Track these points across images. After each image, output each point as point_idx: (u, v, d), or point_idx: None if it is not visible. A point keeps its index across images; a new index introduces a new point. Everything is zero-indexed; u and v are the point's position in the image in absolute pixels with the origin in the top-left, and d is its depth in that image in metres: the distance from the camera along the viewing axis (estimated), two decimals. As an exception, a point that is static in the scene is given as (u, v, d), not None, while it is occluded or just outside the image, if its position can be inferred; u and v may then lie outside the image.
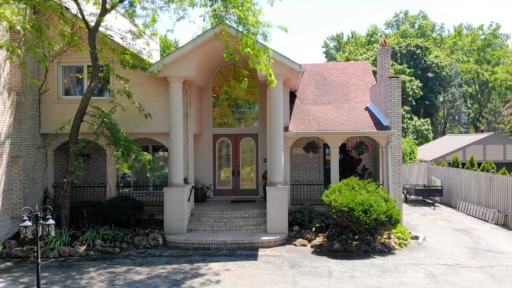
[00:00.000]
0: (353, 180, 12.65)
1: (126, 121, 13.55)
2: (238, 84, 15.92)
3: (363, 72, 18.43)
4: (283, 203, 12.70)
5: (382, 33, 60.15)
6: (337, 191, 12.23)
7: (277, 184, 12.76)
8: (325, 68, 18.94)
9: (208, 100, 16.10)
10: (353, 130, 13.41)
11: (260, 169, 15.96)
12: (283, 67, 12.53)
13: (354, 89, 17.35)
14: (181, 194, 12.90)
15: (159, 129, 13.68)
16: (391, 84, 13.76)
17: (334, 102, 16.62)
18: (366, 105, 16.15)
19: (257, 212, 13.57)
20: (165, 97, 13.47)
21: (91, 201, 13.55)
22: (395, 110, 13.76)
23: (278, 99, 12.76)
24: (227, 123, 16.29)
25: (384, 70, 16.15)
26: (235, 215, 13.45)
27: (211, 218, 13.34)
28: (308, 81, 17.95)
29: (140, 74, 13.50)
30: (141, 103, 13.23)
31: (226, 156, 16.25)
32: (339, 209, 11.56)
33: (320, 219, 12.89)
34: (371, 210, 11.45)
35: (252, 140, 16.12)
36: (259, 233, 12.70)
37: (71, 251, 11.73)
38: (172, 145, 13.05)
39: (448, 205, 20.36)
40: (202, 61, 13.50)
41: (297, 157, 15.86)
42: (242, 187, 16.17)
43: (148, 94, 13.70)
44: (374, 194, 12.05)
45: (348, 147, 15.41)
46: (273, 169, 12.85)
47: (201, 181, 15.83)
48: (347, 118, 14.61)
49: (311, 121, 14.39)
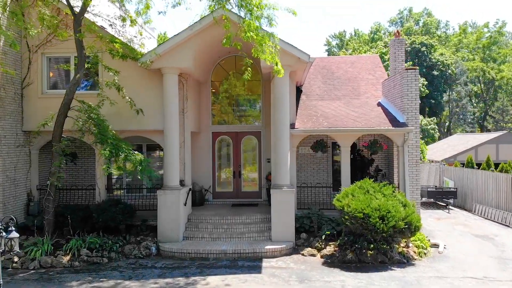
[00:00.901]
0: (367, 182, 11.41)
1: (116, 117, 12.34)
2: (240, 78, 14.72)
3: (373, 66, 17.20)
4: (289, 208, 11.46)
5: (385, 30, 58.96)
6: (350, 194, 10.99)
7: (282, 187, 11.53)
8: (332, 62, 17.70)
9: (207, 96, 14.87)
10: (367, 127, 12.17)
11: (263, 170, 14.73)
12: (290, 57, 11.29)
13: (364, 84, 16.12)
14: (177, 197, 11.68)
15: (153, 126, 12.45)
16: (407, 77, 12.53)
17: (343, 97, 15.39)
18: (378, 101, 14.92)
19: (260, 217, 12.34)
20: (159, 91, 12.25)
21: (78, 205, 12.31)
22: (412, 105, 12.52)
23: (284, 93, 11.52)
24: (228, 120, 15.05)
25: (397, 63, 14.93)
26: (236, 221, 12.22)
27: (210, 224, 12.11)
28: (315, 75, 16.72)
29: (132, 66, 12.28)
30: (133, 97, 12.02)
31: (227, 156, 15.01)
32: (353, 215, 10.33)
33: (330, 226, 11.65)
34: (389, 217, 10.22)
35: (255, 138, 14.88)
36: (262, 241, 11.46)
37: (53, 261, 10.50)
38: (166, 144, 11.82)
39: (462, 208, 19.11)
40: (200, 52, 12.27)
41: (304, 157, 14.62)
42: (244, 189, 14.93)
43: (140, 87, 12.48)
44: (391, 198, 10.81)
45: (360, 146, 14.18)
46: (278, 170, 11.62)
47: (199, 183, 14.60)
48: (358, 114, 13.38)
49: (319, 118, 13.15)
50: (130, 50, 11.37)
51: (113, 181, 14.96)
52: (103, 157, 10.04)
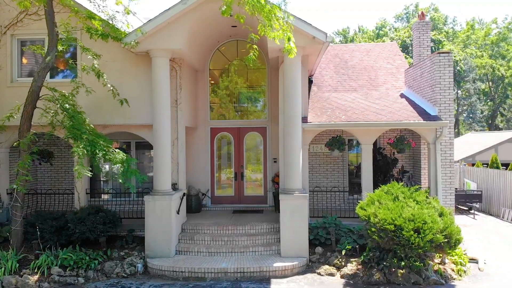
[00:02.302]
0: (395, 186, 9.55)
1: (98, 110, 10.53)
2: (242, 66, 12.86)
3: (392, 54, 15.35)
4: (302, 217, 9.60)
5: (391, 26, 57.09)
6: (377, 201, 9.13)
7: (293, 192, 9.67)
8: (345, 50, 15.84)
9: (204, 86, 12.99)
10: (393, 121, 10.29)
11: (269, 171, 12.86)
12: (303, 36, 9.42)
13: (382, 74, 14.26)
14: (168, 204, 9.82)
15: (140, 120, 10.60)
16: (440, 62, 10.67)
17: (360, 88, 13.52)
18: (400, 92, 13.07)
19: (267, 227, 10.48)
20: (147, 79, 10.40)
21: (51, 213, 10.44)
22: (445, 95, 10.66)
23: (295, 81, 9.64)
24: (228, 114, 13.18)
25: (423, 49, 13.08)
26: (238, 231, 10.36)
27: (208, 236, 10.24)
28: (326, 64, 14.87)
29: (115, 49, 10.46)
30: (117, 86, 10.18)
31: (227, 155, 13.15)
32: (381, 227, 8.47)
33: (350, 238, 9.79)
34: (425, 229, 8.36)
35: (259, 135, 13.01)
36: (270, 257, 9.59)
37: (18, 282, 8.65)
38: (156, 141, 9.97)
39: (487, 213, 17.23)
40: (196, 32, 10.41)
41: (315, 156, 12.75)
42: (247, 193, 13.06)
43: (126, 74, 10.64)
44: (426, 206, 8.95)
45: (382, 144, 12.32)
46: (288, 172, 9.75)
47: (196, 186, 12.74)
48: (380, 107, 11.51)
49: (335, 111, 11.28)
50: (112, 29, 9.51)
51: (100, 183, 13.12)
52: (77, 155, 8.17)
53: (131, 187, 8.38)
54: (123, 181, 8.53)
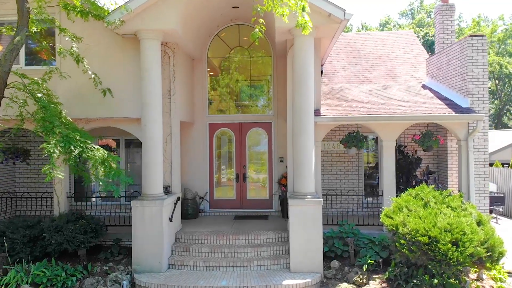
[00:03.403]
0: (425, 190, 8.14)
1: (79, 101, 9.18)
2: (245, 54, 11.47)
3: (409, 43, 13.96)
4: (315, 225, 8.20)
5: (395, 23, 55.71)
6: (405, 208, 7.73)
7: (305, 196, 8.27)
8: (357, 39, 14.45)
9: (202, 76, 11.59)
10: (420, 113, 8.90)
11: (275, 172, 11.47)
12: (316, 14, 8.00)
13: (400, 64, 12.87)
14: (159, 210, 8.42)
15: (128, 113, 9.22)
16: (472, 47, 9.29)
17: (376, 79, 12.13)
18: (422, 83, 11.69)
19: (274, 236, 9.09)
20: (136, 66, 9.01)
21: (25, 221, 9.05)
22: (479, 84, 9.29)
23: (307, 66, 8.23)
24: (229, 108, 11.78)
25: (446, 35, 11.70)
26: (240, 241, 8.97)
27: (205, 246, 8.85)
28: (337, 54, 13.48)
29: (100, 32, 9.11)
30: (101, 74, 8.82)
31: (228, 154, 11.75)
32: (412, 238, 7.08)
33: (372, 250, 8.38)
34: (465, 241, 6.98)
35: (264, 131, 11.61)
36: (278, 272, 8.20)
37: (-20, 304, 7.27)
38: (145, 137, 8.57)
39: (510, 217, 15.85)
40: (191, 12, 9.02)
41: (327, 155, 11.35)
42: (250, 196, 11.66)
43: (111, 61, 9.26)
44: (462, 213, 7.55)
45: (402, 141, 10.93)
46: (299, 173, 8.35)
47: (193, 189, 11.35)
48: (402, 98, 10.13)
49: (351, 103, 9.90)
50: (93, 5, 8.11)
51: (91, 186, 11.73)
52: (47, 153, 6.78)
53: (114, 191, 7.00)
54: (103, 183, 7.13)
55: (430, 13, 55.79)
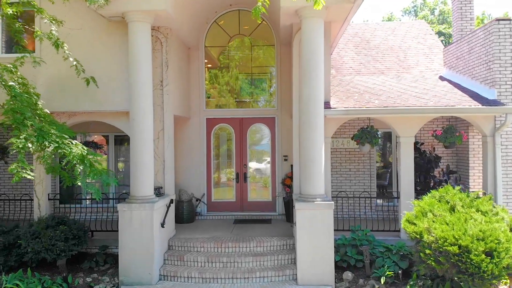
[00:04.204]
0: (450, 191, 7.18)
1: (61, 93, 8.26)
2: (246, 42, 10.52)
3: (422, 33, 13.00)
4: (325, 232, 7.23)
5: (398, 20, 54.74)
6: (429, 212, 6.76)
7: (314, 198, 7.29)
8: (365, 29, 13.49)
9: (199, 67, 10.63)
10: (443, 106, 7.93)
11: (278, 172, 10.51)
12: (327, -8, 7.04)
13: (413, 54, 11.91)
14: (149, 214, 7.46)
15: (115, 106, 8.26)
16: (498, 32, 8.34)
17: (388, 71, 11.17)
18: (438, 74, 10.73)
19: (279, 243, 8.13)
20: (124, 53, 8.05)
21: (1, 226, 8.09)
22: (507, 73, 8.33)
23: (317, 51, 7.25)
24: (228, 102, 10.81)
25: (465, 22, 10.74)
26: (241, 249, 8.02)
27: (202, 255, 7.89)
28: (345, 44, 12.53)
29: (83, 14, 8.18)
30: (85, 61, 7.85)
31: (227, 152, 10.79)
32: (440, 248, 6.12)
33: (389, 260, 7.42)
34: (500, 250, 6.02)
35: (266, 127, 10.65)
36: (283, 285, 7.23)
37: None
38: (134, 132, 7.61)
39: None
40: (187, -8, 8.07)
41: (335, 153, 10.38)
42: (251, 198, 10.70)
43: (97, 47, 8.31)
44: (494, 219, 6.59)
45: (419, 139, 9.98)
46: (307, 173, 7.37)
47: (188, 190, 10.39)
48: (420, 90, 9.17)
49: (363, 95, 8.93)
50: (73, -18, 7.16)
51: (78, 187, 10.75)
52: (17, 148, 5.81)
53: (94, 193, 6.05)
54: (83, 184, 6.16)
55: (434, 10, 54.81)
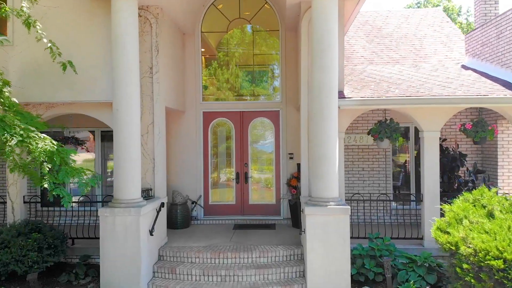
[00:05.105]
0: (486, 194, 6.13)
1: (37, 80, 7.22)
2: (247, 26, 9.50)
3: (438, 21, 11.98)
4: (340, 241, 6.20)
5: (401, 17, 53.78)
6: (464, 219, 5.73)
7: (327, 202, 6.26)
8: (376, 17, 12.47)
9: (194, 55, 9.59)
10: (475, 95, 6.90)
11: (283, 171, 9.48)
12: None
13: (430, 43, 10.88)
14: (135, 220, 6.42)
15: (96, 95, 7.24)
16: (536, 11, 7.30)
17: (403, 60, 10.14)
18: (460, 63, 9.70)
19: (285, 253, 7.09)
20: (108, 35, 7.02)
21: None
22: (546, 58, 7.30)
23: (331, 29, 6.19)
24: (227, 94, 9.78)
25: (489, 6, 9.71)
26: (242, 260, 6.98)
27: (197, 267, 6.85)
28: (354, 32, 11.50)
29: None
30: (63, 45, 6.80)
31: (226, 150, 9.76)
32: (480, 262, 5.08)
33: (414, 274, 6.38)
34: (554, 266, 4.99)
35: (270, 122, 9.62)
36: (292, 303, 6.21)
37: None
38: (117, 124, 6.58)
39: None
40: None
41: (347, 150, 9.34)
42: (253, 201, 9.67)
43: (77, 29, 7.29)
44: (542, 226, 5.56)
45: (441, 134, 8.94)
46: (318, 172, 6.34)
47: (183, 191, 9.36)
48: (443, 79, 8.15)
49: (380, 84, 7.90)
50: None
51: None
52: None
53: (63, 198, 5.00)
54: (50, 186, 5.12)
55: (437, 7, 53.85)
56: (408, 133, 9.45)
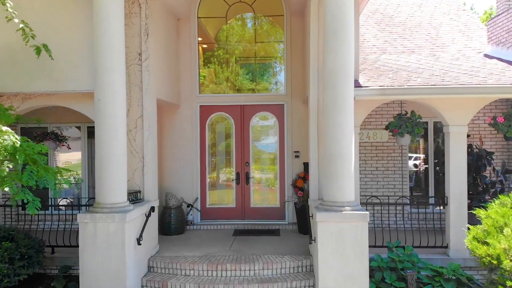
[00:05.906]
0: (528, 197, 5.28)
1: (11, 68, 6.44)
2: (248, 11, 8.64)
3: (454, 9, 11.12)
4: (357, 252, 5.34)
5: (404, 14, 52.93)
6: (505, 226, 4.86)
7: (342, 207, 5.39)
8: (387, 5, 11.62)
9: (190, 42, 8.72)
10: (509, 84, 6.03)
11: (288, 171, 8.62)
12: None
13: (447, 32, 10.02)
14: (119, 228, 5.55)
15: (78, 85, 6.39)
16: None
17: (418, 49, 9.29)
18: (482, 53, 8.85)
19: (292, 265, 6.23)
20: (90, 17, 6.14)
21: None
22: None
23: (347, 11, 5.31)
24: (227, 86, 8.91)
25: (514, -11, 8.83)
26: (243, 273, 6.12)
27: (191, 281, 5.99)
28: (364, 21, 10.64)
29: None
30: (39, 27, 5.95)
31: (225, 147, 8.89)
32: (532, 281, 4.22)
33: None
34: None
35: (273, 116, 8.76)
36: (301, 324, 5.35)
37: None
38: (99, 117, 5.71)
39: None
40: None
41: (360, 147, 8.44)
42: (254, 204, 8.80)
43: (55, 8, 6.42)
44: None
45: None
46: (332, 172, 5.47)
47: (178, 193, 8.50)
48: (467, 68, 7.30)
49: (398, 73, 7.05)
50: None
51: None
52: None
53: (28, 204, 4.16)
54: (11, 190, 4.26)
55: (440, 4, 53.02)
56: (426, 129, 8.58)
